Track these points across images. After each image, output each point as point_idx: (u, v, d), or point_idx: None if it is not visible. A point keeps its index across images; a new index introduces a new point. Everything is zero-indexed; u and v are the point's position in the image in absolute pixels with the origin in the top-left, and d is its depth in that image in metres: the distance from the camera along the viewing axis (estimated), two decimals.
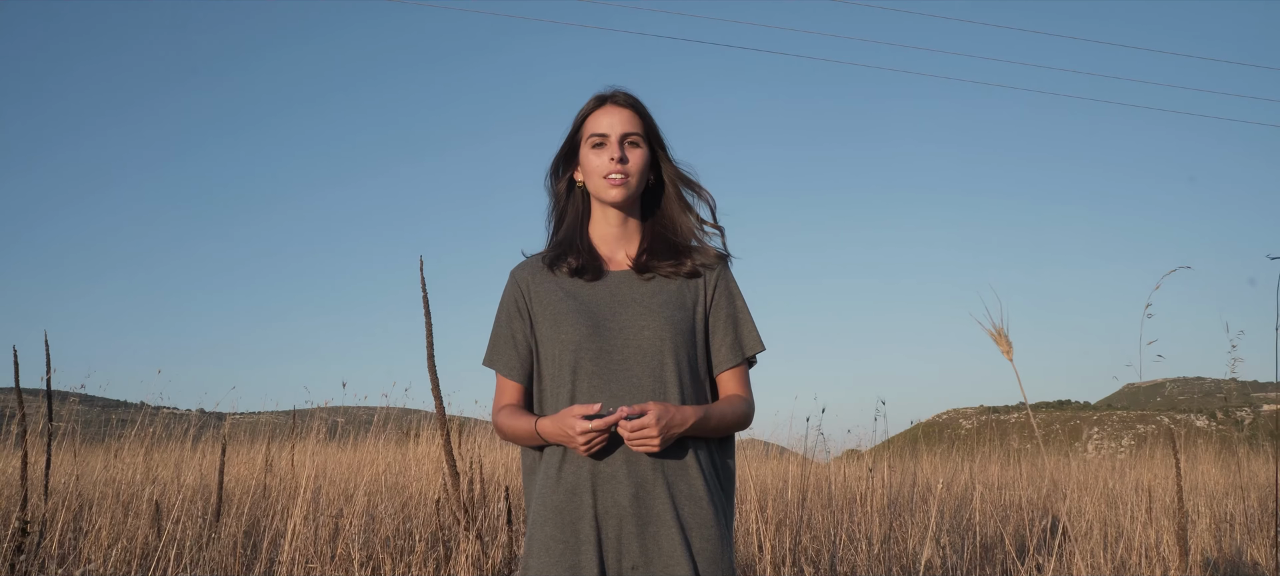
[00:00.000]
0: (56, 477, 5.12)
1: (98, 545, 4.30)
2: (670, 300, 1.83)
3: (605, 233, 1.89)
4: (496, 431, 1.88)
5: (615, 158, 1.81)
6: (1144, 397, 71.43)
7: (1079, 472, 9.38)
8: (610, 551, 1.70)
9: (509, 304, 1.89)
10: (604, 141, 1.83)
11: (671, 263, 1.85)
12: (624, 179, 1.82)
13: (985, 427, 16.97)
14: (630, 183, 1.83)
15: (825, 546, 5.32)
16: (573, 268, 1.85)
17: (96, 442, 6.97)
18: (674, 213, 1.91)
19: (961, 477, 7.87)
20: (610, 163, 1.81)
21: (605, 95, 1.87)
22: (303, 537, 4.35)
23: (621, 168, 1.82)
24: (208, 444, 6.95)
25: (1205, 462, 9.26)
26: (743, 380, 1.88)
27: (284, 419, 8.09)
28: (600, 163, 1.82)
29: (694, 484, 1.74)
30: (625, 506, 1.70)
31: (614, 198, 1.83)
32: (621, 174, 1.82)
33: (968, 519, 5.98)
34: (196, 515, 4.75)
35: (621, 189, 1.82)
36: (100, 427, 7.53)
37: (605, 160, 1.82)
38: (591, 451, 1.69)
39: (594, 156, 1.84)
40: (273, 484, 5.76)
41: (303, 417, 7.32)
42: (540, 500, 1.77)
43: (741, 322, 1.89)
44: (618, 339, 1.78)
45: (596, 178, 1.83)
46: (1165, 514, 5.44)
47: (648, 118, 1.87)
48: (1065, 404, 58.06)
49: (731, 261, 1.93)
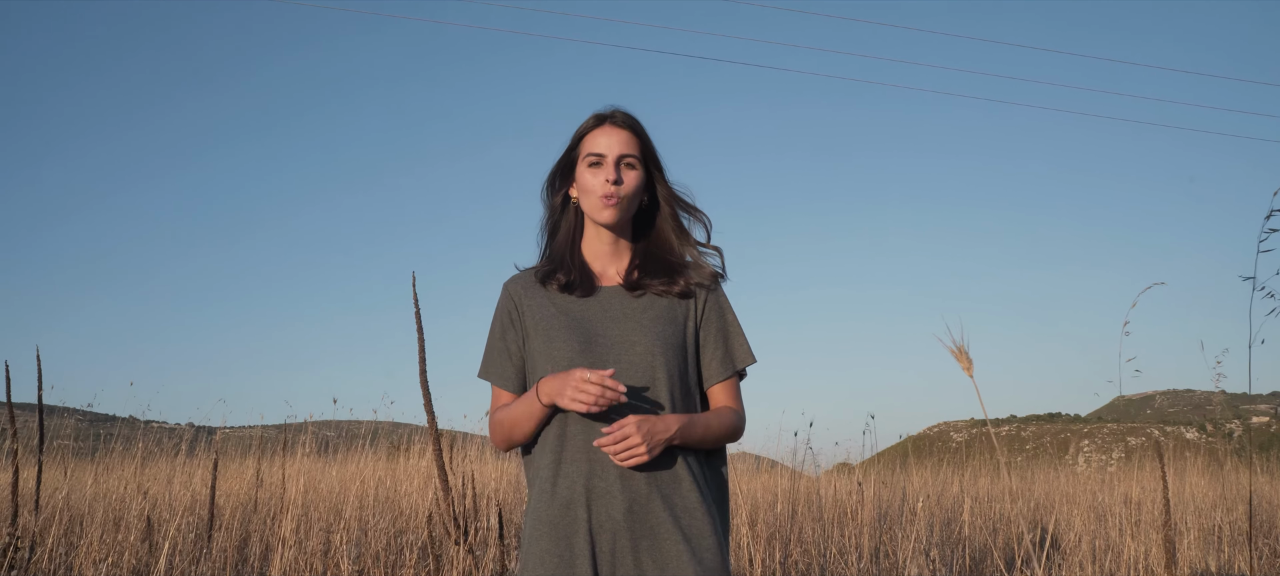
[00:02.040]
0: (47, 492, 5.11)
1: (89, 560, 4.29)
2: (661, 316, 1.85)
3: (598, 250, 1.91)
4: (493, 436, 1.88)
5: (610, 179, 1.83)
6: (1134, 410, 71.56)
7: (1068, 486, 9.41)
8: (605, 565, 1.71)
9: (502, 316, 1.90)
10: (600, 161, 1.85)
11: (664, 281, 1.87)
12: (618, 200, 1.84)
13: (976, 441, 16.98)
14: (624, 204, 1.85)
15: (815, 559, 5.33)
16: (564, 283, 1.87)
17: (87, 457, 6.95)
18: (667, 233, 1.93)
19: (951, 491, 7.89)
20: (605, 183, 1.83)
21: (604, 115, 1.89)
22: (294, 551, 4.35)
23: (616, 189, 1.83)
24: (199, 458, 6.93)
25: (1193, 475, 9.29)
26: (734, 393, 1.90)
27: (275, 433, 8.07)
28: (596, 182, 1.84)
29: (688, 496, 1.76)
30: (619, 520, 1.72)
31: (607, 218, 1.85)
32: (615, 196, 1.84)
33: (957, 532, 6.01)
34: (188, 530, 4.74)
35: (615, 210, 1.84)
36: (91, 442, 7.51)
37: (600, 180, 1.84)
38: (588, 409, 1.68)
39: (590, 175, 1.86)
40: (263, 498, 5.75)
41: (293, 432, 7.31)
42: (535, 515, 1.78)
43: (732, 336, 1.91)
44: (609, 354, 1.79)
45: (591, 197, 1.86)
46: (1153, 527, 5.47)
47: (645, 139, 1.89)
48: (1056, 416, 58.11)
49: (724, 281, 1.96)
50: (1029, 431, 56.12)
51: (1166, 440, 37.56)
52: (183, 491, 5.77)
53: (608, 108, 1.90)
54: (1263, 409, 57.46)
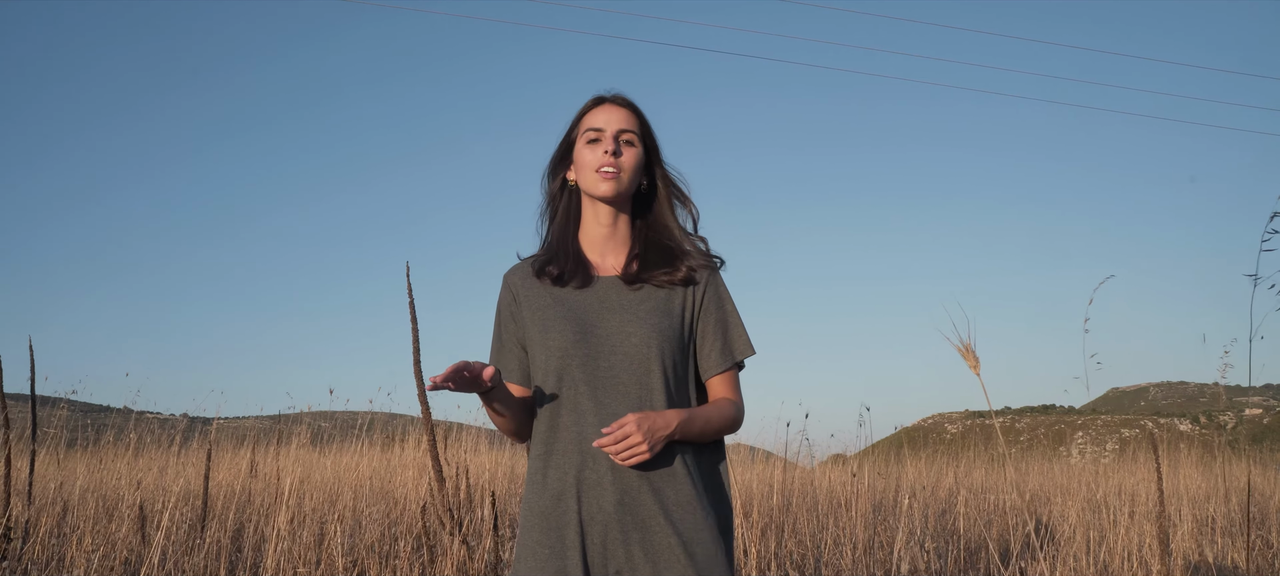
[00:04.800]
0: (41, 483, 5.10)
1: (81, 550, 4.28)
2: (657, 307, 1.83)
3: (595, 235, 1.89)
4: (499, 429, 1.90)
5: (609, 151, 1.82)
6: (1128, 402, 71.75)
7: (1063, 477, 9.44)
8: (596, 556, 1.71)
9: (503, 309, 1.90)
10: (599, 136, 1.84)
11: (665, 270, 1.85)
12: (616, 173, 1.82)
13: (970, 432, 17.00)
14: (622, 178, 1.84)
15: (810, 551, 5.34)
16: (559, 274, 1.86)
17: (81, 448, 6.93)
18: (666, 217, 1.92)
19: (946, 482, 7.91)
20: (604, 156, 1.82)
21: (604, 96, 1.88)
22: (287, 542, 4.34)
23: (615, 161, 1.82)
24: (193, 449, 6.92)
25: (1187, 466, 9.32)
26: (732, 384, 1.88)
27: (270, 424, 8.06)
28: (594, 156, 1.83)
29: (681, 488, 1.74)
30: (610, 512, 1.71)
31: (605, 191, 1.83)
32: (614, 167, 1.82)
33: (952, 523, 6.02)
34: (181, 520, 4.73)
35: (613, 183, 1.83)
36: (84, 432, 7.48)
37: (599, 153, 1.83)
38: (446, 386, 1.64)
39: (588, 151, 1.84)
40: (257, 489, 5.74)
41: (290, 422, 7.30)
42: (527, 506, 1.78)
43: (731, 327, 1.89)
44: (604, 345, 1.78)
45: (589, 172, 1.84)
46: (1147, 518, 5.48)
47: (644, 120, 1.89)
48: (1051, 408, 58.31)
49: (722, 266, 1.94)
50: (1024, 423, 56.31)
51: (1161, 432, 37.68)
52: (176, 481, 5.75)
53: (607, 90, 1.90)
54: (1256, 401, 57.67)
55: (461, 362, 1.63)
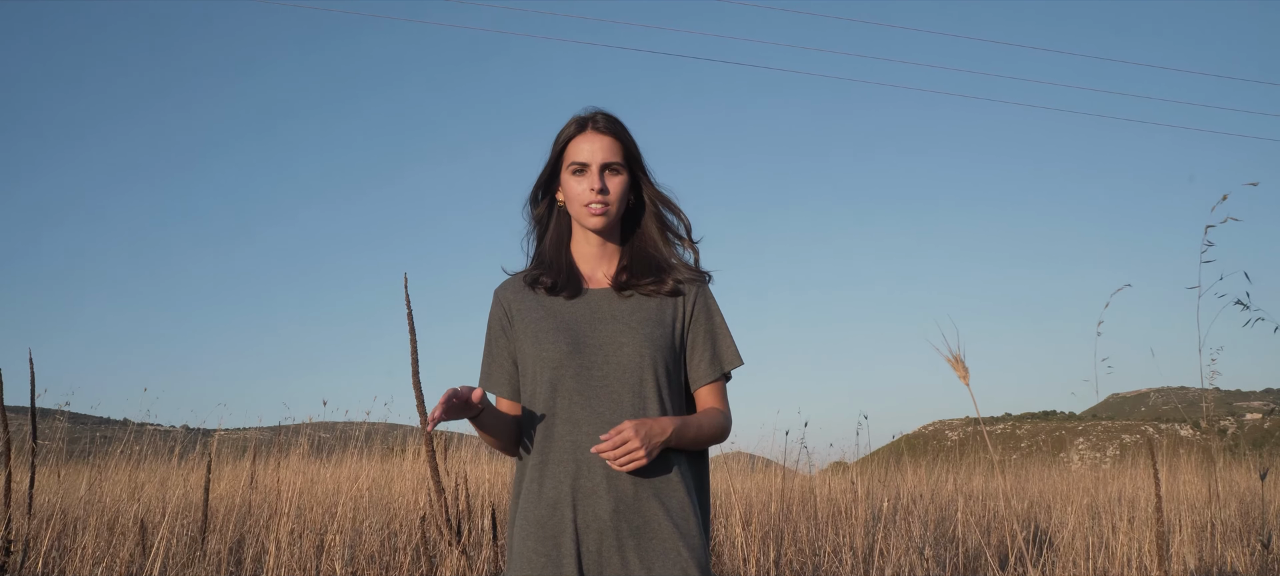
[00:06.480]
0: (41, 496, 5.10)
1: (82, 563, 4.29)
2: (649, 317, 1.85)
3: (586, 252, 1.91)
4: (489, 445, 1.91)
5: (595, 188, 1.82)
6: (1129, 407, 71.70)
7: (1062, 484, 9.44)
8: (591, 565, 1.72)
9: (494, 324, 1.91)
10: (584, 170, 1.84)
11: (652, 281, 1.87)
12: (604, 209, 1.84)
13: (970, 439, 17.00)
14: (610, 211, 1.85)
15: (809, 558, 5.35)
16: (551, 285, 1.87)
17: (81, 460, 6.94)
18: (654, 232, 1.93)
19: (945, 489, 7.91)
20: (591, 193, 1.83)
21: (585, 118, 1.87)
22: (287, 553, 4.35)
23: (602, 198, 1.83)
24: (194, 461, 6.93)
25: (1187, 472, 9.32)
26: (720, 395, 1.90)
27: (269, 435, 8.06)
28: (581, 191, 1.84)
29: (677, 494, 1.76)
30: (605, 520, 1.72)
31: (594, 226, 1.85)
32: (602, 204, 1.83)
33: (951, 530, 6.02)
34: (182, 532, 4.74)
35: (602, 218, 1.84)
36: (86, 445, 7.49)
37: (586, 189, 1.83)
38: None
39: (575, 184, 1.85)
40: (257, 500, 5.74)
41: (289, 433, 7.31)
42: (522, 515, 1.79)
43: (719, 338, 1.91)
44: (597, 355, 1.80)
45: (577, 205, 1.85)
46: (1146, 524, 5.49)
47: (628, 141, 1.88)
48: (1051, 414, 58.20)
49: (711, 280, 1.96)
50: (1024, 430, 56.21)
51: (1161, 437, 37.64)
52: (176, 494, 5.76)
53: (588, 110, 1.89)
54: (1256, 406, 57.64)
55: (450, 391, 1.66)
